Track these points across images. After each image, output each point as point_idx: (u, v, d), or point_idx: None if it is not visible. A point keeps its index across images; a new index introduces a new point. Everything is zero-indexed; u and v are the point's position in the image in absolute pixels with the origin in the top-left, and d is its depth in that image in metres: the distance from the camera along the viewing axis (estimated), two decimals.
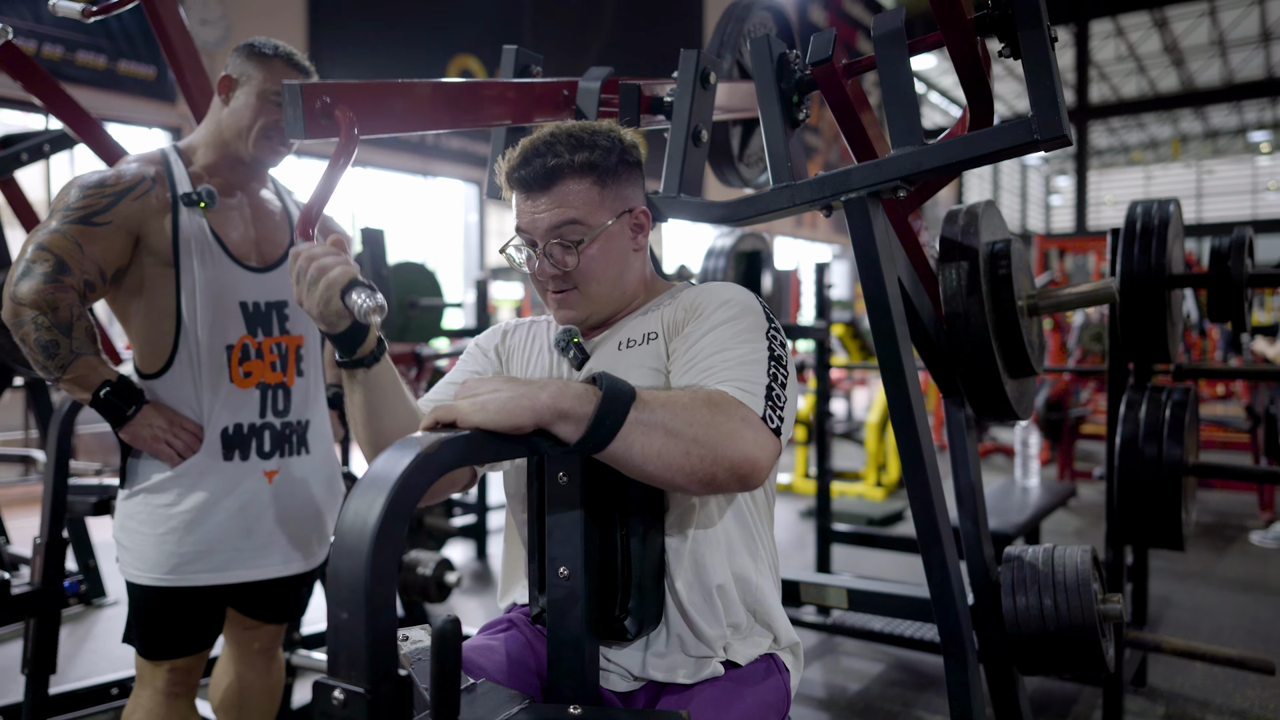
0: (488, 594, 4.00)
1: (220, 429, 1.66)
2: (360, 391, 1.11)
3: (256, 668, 1.90)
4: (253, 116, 1.66)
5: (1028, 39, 1.27)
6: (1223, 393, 9.28)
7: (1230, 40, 19.72)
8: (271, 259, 1.73)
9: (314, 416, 1.80)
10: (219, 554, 1.67)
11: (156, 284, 1.63)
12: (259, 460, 1.70)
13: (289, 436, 1.74)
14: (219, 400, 1.66)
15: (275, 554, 1.73)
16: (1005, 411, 1.78)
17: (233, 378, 1.67)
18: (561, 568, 1.01)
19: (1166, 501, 2.21)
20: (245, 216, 1.72)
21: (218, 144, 1.69)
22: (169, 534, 1.64)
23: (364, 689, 0.71)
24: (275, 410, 1.72)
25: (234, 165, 1.71)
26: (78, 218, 1.55)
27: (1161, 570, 4.34)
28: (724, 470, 0.95)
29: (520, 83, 1.54)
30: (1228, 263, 2.35)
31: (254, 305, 1.69)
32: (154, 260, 1.62)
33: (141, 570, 1.65)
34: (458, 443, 0.85)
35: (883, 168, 1.40)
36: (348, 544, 0.74)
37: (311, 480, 1.79)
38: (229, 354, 1.66)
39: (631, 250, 1.22)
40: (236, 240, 1.69)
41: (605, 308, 1.21)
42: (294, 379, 1.75)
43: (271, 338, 1.71)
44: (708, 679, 1.11)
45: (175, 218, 1.62)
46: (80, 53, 6.84)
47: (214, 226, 1.66)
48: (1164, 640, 2.54)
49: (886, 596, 2.09)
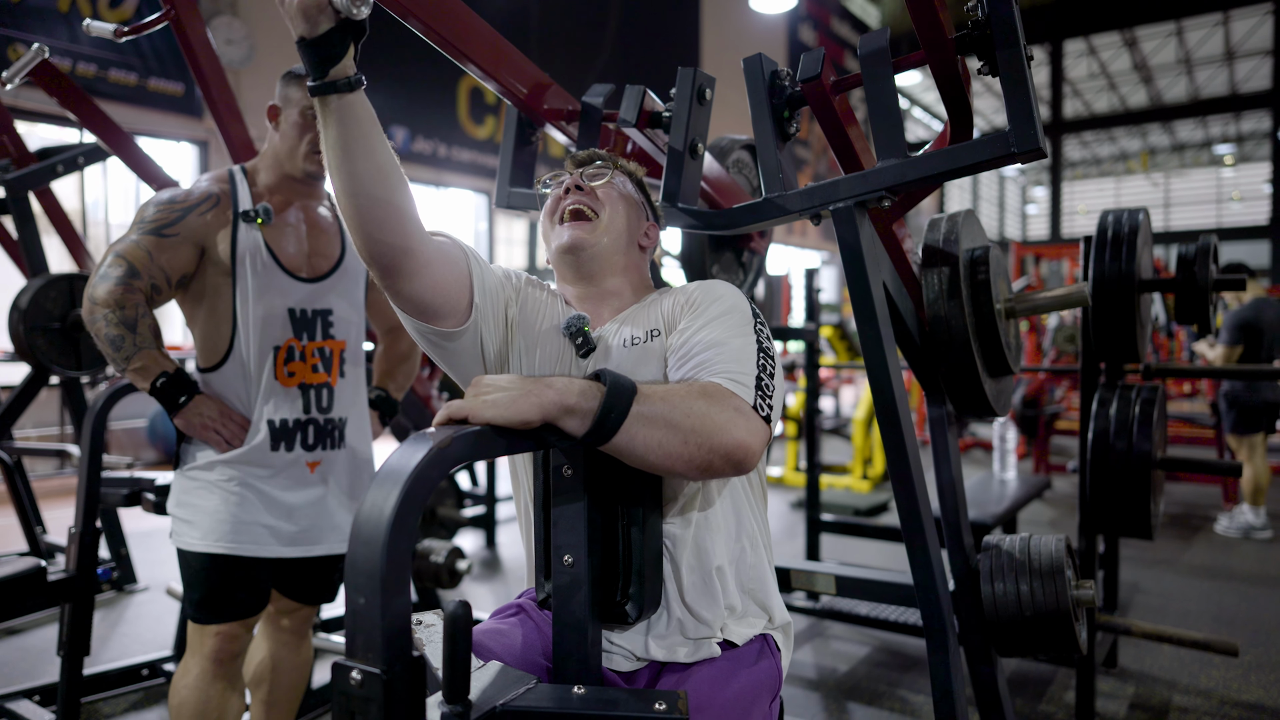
0: (497, 580, 4.00)
1: (267, 422, 1.73)
2: (334, 124, 1.00)
3: (289, 644, 1.95)
4: (299, 135, 1.72)
5: (1005, 57, 1.27)
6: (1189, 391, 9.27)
7: (1196, 59, 19.71)
8: (321, 271, 1.79)
9: (352, 414, 1.85)
10: (266, 531, 1.73)
11: (218, 291, 1.72)
12: (303, 452, 1.76)
13: (330, 432, 1.80)
14: (266, 396, 1.73)
15: (317, 536, 1.79)
16: (984, 408, 1.78)
17: (277, 376, 1.73)
18: (566, 555, 1.01)
19: (1136, 493, 2.21)
20: (300, 233, 1.78)
21: (274, 166, 1.77)
22: (223, 506, 1.71)
23: (380, 670, 0.71)
24: (319, 407, 1.78)
25: (290, 184, 1.78)
26: (150, 230, 1.66)
27: (1131, 558, 4.34)
28: (720, 457, 0.96)
29: (539, 71, 1.56)
30: (1194, 268, 2.35)
31: (300, 312, 1.75)
32: (216, 270, 1.71)
33: (196, 539, 1.71)
34: (469, 437, 0.85)
35: (869, 179, 1.41)
36: (365, 533, 0.74)
37: (349, 472, 1.84)
38: (275, 355, 1.73)
39: (638, 238, 1.28)
40: (291, 254, 1.75)
41: (605, 250, 1.22)
42: (337, 379, 1.81)
43: (315, 342, 1.77)
44: (705, 659, 1.12)
45: (235, 232, 1.70)
46: (113, 70, 6.84)
47: (269, 240, 1.73)
48: (1134, 624, 2.54)
49: (872, 583, 2.09)
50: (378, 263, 1.06)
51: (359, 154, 1.01)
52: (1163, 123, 22.60)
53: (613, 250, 1.22)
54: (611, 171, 1.27)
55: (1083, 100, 22.45)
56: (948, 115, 1.48)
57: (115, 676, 2.66)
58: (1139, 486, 2.20)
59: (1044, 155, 1.29)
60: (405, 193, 1.05)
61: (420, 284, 1.09)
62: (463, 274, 1.14)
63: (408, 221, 1.05)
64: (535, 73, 1.54)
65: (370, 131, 1.01)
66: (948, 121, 1.50)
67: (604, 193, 1.24)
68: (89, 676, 2.58)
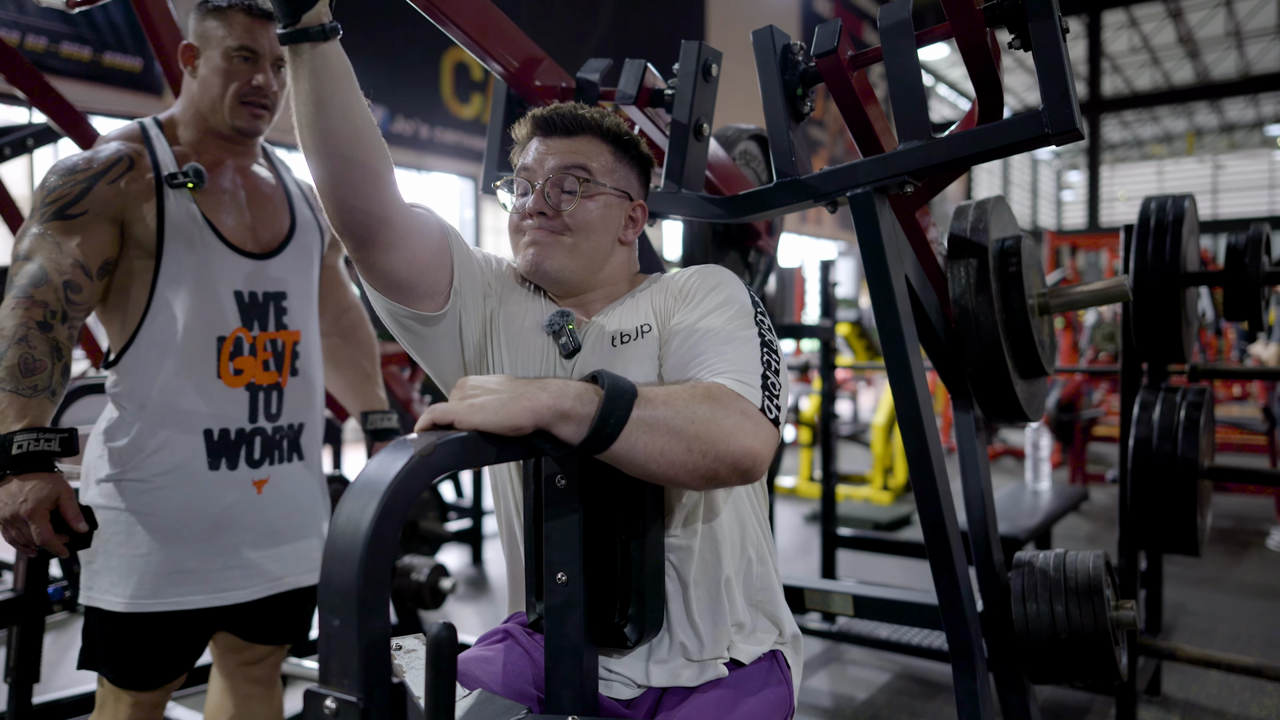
0: (483, 601, 4.00)
1: (204, 432, 1.53)
2: (306, 78, 0.97)
3: (258, 697, 1.75)
4: (223, 82, 1.54)
5: (1039, 30, 1.28)
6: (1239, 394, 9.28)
7: (1247, 31, 19.71)
8: (270, 245, 1.62)
9: (308, 419, 1.69)
10: (204, 573, 1.55)
11: (134, 276, 1.51)
12: (248, 469, 1.58)
13: (279, 442, 1.62)
14: (204, 399, 1.53)
15: (268, 570, 1.62)
16: (1015, 413, 1.78)
17: (221, 374, 1.54)
18: (559, 573, 1.02)
19: (1182, 505, 2.21)
20: (239, 199, 1.60)
21: (196, 119, 1.58)
22: (147, 554, 1.50)
23: (357, 698, 0.71)
24: (268, 414, 1.60)
25: (217, 141, 1.59)
26: (53, 212, 1.45)
27: (1176, 576, 4.34)
28: (726, 466, 0.96)
29: (533, 45, 1.55)
30: (1244, 260, 2.35)
31: (249, 295, 1.57)
32: (138, 252, 1.50)
33: (113, 594, 1.50)
34: (454, 445, 0.85)
35: (889, 162, 1.41)
36: (339, 549, 0.74)
37: (305, 488, 1.68)
38: (219, 347, 1.54)
39: (618, 236, 1.23)
40: (231, 225, 1.57)
41: (578, 271, 1.19)
42: (288, 379, 1.63)
43: (267, 333, 1.59)
44: (711, 680, 1.12)
45: (160, 202, 1.50)
46: (65, 44, 6.84)
47: (205, 210, 1.53)
48: (1179, 648, 2.54)
49: (893, 603, 2.09)
50: (350, 231, 1.05)
51: (333, 111, 0.99)
52: (1211, 101, 22.61)
53: (587, 263, 1.19)
54: (579, 187, 1.17)
55: (1123, 77, 22.45)
56: (975, 93, 1.48)
57: (67, 706, 2.65)
58: (1185, 498, 2.20)
59: (1081, 136, 1.30)
60: (383, 156, 1.05)
61: (397, 257, 1.08)
62: (443, 251, 1.14)
63: (385, 187, 1.04)
64: (527, 44, 1.55)
65: (346, 86, 1.00)
66: (975, 100, 1.50)
67: (574, 219, 1.17)
68: (39, 706, 2.58)
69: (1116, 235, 3.85)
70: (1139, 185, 26.67)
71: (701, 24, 13.30)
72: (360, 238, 1.05)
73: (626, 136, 1.23)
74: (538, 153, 1.20)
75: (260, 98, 1.57)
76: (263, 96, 1.57)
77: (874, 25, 1.41)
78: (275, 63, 1.58)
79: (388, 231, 1.06)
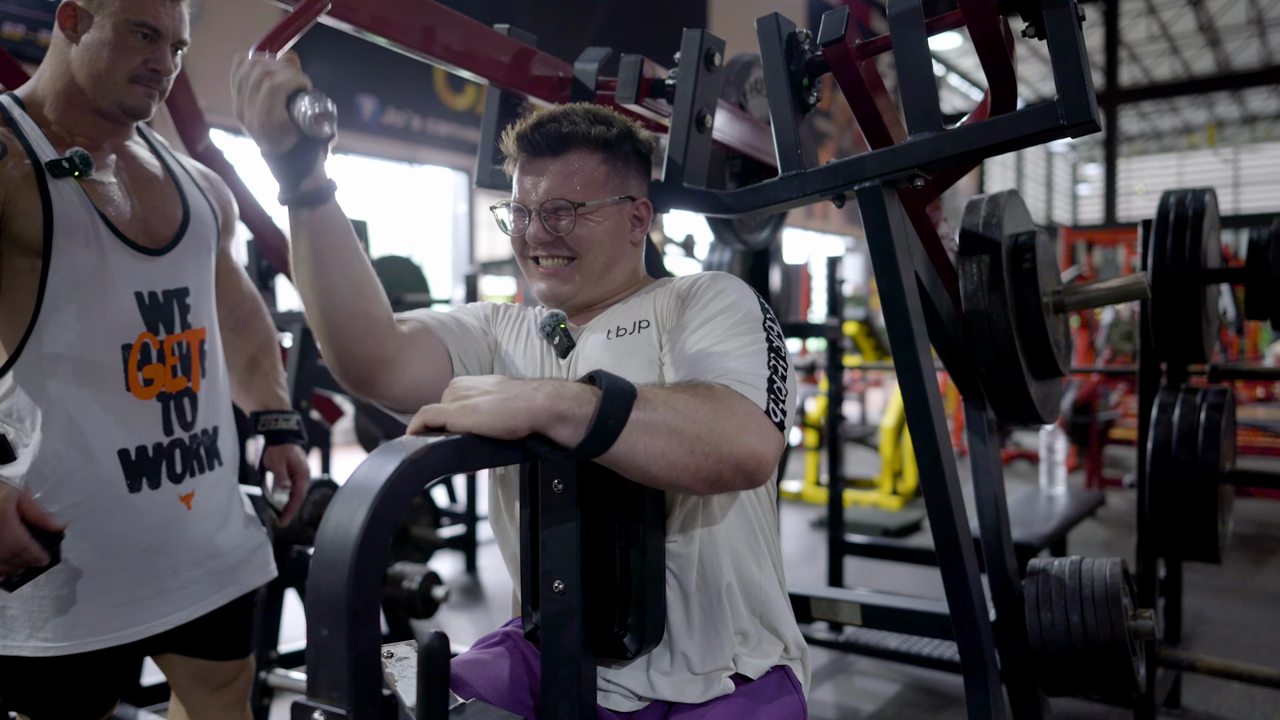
0: (477, 609, 4.00)
1: (119, 452, 1.40)
2: (306, 239, 1.02)
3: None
4: (113, 58, 1.37)
5: (1053, 17, 1.28)
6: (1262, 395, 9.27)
7: (1270, 19, 19.71)
8: (165, 238, 1.47)
9: (222, 421, 1.57)
10: (143, 600, 1.43)
11: (18, 278, 1.35)
12: (171, 485, 1.46)
13: (197, 450, 1.51)
14: (114, 416, 1.39)
15: (214, 581, 1.53)
16: (1029, 415, 1.78)
17: (130, 386, 1.40)
18: (556, 581, 1.02)
19: (1202, 511, 2.21)
20: (124, 185, 1.46)
21: (69, 94, 1.40)
22: (71, 591, 1.36)
23: (346, 710, 0.71)
24: (183, 423, 1.47)
25: (93, 119, 1.43)
26: None
27: (1196, 584, 4.33)
28: (729, 468, 0.96)
29: (521, 46, 1.56)
30: (1267, 256, 2.35)
31: (150, 296, 1.44)
32: (19, 252, 1.34)
33: (37, 640, 1.35)
34: (447, 448, 0.85)
35: (899, 155, 1.41)
36: (328, 556, 0.74)
37: (228, 493, 1.58)
38: (126, 356, 1.40)
39: (628, 240, 1.25)
40: (126, 219, 1.43)
41: (595, 287, 1.22)
42: (199, 382, 1.51)
43: (174, 335, 1.47)
44: (719, 696, 1.12)
45: (44, 193, 1.34)
46: (43, 33, 6.84)
47: (95, 201, 1.39)
48: (1199, 659, 2.55)
49: (903, 612, 2.09)
50: (351, 376, 1.10)
51: (334, 268, 1.04)
52: (1232, 91, 22.60)
53: (601, 278, 1.23)
54: (575, 211, 1.18)
55: (1141, 66, 22.45)
56: (988, 83, 1.48)
57: None
58: (1205, 503, 2.20)
59: (1097, 128, 1.30)
60: (381, 300, 1.09)
61: (400, 389, 1.13)
62: (444, 364, 1.19)
63: (384, 330, 1.09)
64: (510, 45, 1.56)
65: (345, 242, 1.05)
66: (988, 90, 1.50)
67: (578, 241, 1.19)
68: None
69: (1134, 231, 3.85)
70: (1157, 179, 26.65)
71: (704, 11, 13.30)
72: (361, 380, 1.11)
73: (617, 132, 1.22)
74: (528, 179, 1.21)
75: (156, 80, 1.43)
76: (159, 79, 1.44)
77: (883, 13, 1.41)
78: (176, 44, 1.45)
79: (389, 371, 1.11)
